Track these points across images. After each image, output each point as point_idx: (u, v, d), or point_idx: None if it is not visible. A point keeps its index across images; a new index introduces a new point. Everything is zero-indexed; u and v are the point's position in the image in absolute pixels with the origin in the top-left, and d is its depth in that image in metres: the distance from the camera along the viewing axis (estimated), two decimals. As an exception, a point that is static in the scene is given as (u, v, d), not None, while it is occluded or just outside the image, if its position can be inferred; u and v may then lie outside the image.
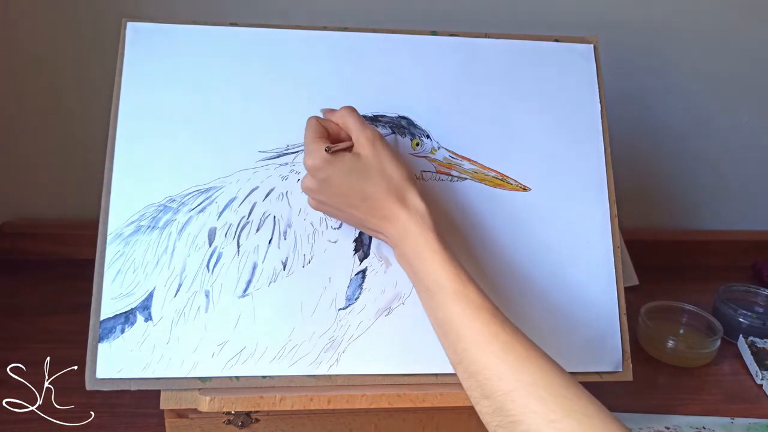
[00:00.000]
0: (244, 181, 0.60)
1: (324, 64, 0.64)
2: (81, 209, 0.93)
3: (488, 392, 0.47)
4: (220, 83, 0.62)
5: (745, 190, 1.05)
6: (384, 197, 0.54)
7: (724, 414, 0.71)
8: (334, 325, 0.58)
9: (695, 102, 0.98)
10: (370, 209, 0.55)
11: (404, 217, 0.54)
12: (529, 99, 0.66)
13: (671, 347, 0.78)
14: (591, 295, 0.62)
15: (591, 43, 0.68)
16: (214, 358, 0.56)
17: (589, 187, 0.64)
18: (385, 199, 0.54)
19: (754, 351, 0.80)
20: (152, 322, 0.56)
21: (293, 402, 0.55)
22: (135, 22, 0.62)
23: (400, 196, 0.54)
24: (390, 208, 0.54)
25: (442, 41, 0.66)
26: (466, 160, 0.63)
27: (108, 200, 0.58)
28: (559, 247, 0.62)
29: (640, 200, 1.03)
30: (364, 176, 0.54)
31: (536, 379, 0.46)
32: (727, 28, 0.94)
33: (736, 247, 1.04)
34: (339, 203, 0.55)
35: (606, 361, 0.61)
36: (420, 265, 0.53)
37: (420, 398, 0.57)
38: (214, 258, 0.58)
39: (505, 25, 0.89)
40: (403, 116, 0.63)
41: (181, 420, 0.57)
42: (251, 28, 0.64)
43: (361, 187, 0.54)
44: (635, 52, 0.93)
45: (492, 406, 0.46)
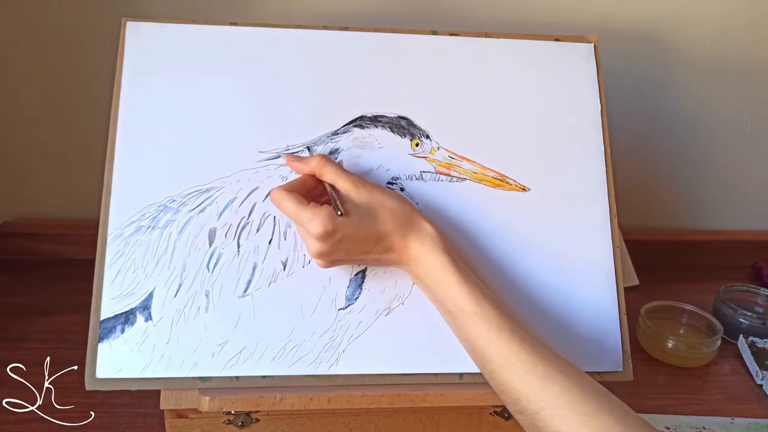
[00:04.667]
0: (244, 182, 0.60)
1: (324, 64, 0.64)
2: (81, 209, 0.93)
3: (521, 409, 0.49)
4: (220, 83, 0.62)
5: (745, 190, 1.05)
6: (394, 231, 0.54)
7: (724, 414, 0.70)
8: (333, 325, 0.58)
9: (695, 102, 0.98)
10: (385, 248, 0.54)
11: (416, 244, 0.54)
12: (529, 99, 0.66)
13: (671, 347, 0.78)
14: (591, 295, 0.62)
15: (591, 42, 0.68)
16: (214, 358, 0.56)
17: (589, 187, 0.64)
18: (395, 232, 0.54)
19: (754, 351, 0.80)
20: (152, 322, 0.56)
21: (293, 402, 0.55)
22: (135, 22, 0.62)
23: (407, 223, 0.54)
24: (401, 238, 0.54)
25: (442, 41, 0.66)
26: (466, 160, 0.63)
27: (108, 200, 0.58)
28: (559, 247, 0.62)
29: (640, 200, 1.03)
30: (372, 220, 0.53)
31: (559, 399, 0.48)
32: (728, 28, 0.94)
33: (736, 247, 1.04)
34: (354, 254, 0.54)
35: (606, 361, 0.61)
36: (437, 289, 0.54)
37: (420, 398, 0.57)
38: (215, 258, 0.58)
39: (505, 25, 0.89)
40: (402, 116, 0.63)
41: (181, 420, 0.57)
42: (251, 27, 0.63)
43: (374, 231, 0.53)
44: (635, 52, 0.93)
45: (526, 421, 0.49)
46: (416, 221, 0.55)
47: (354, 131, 0.62)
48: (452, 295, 0.53)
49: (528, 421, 0.49)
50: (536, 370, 0.49)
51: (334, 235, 0.52)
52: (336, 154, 0.61)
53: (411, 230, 0.54)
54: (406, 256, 0.55)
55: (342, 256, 0.54)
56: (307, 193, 0.56)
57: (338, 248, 0.53)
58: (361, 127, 0.62)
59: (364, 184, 0.55)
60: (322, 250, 0.53)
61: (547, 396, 0.48)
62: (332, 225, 0.51)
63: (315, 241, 0.52)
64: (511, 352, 0.50)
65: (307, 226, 0.52)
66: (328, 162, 0.55)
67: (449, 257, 0.54)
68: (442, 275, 0.53)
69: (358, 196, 0.54)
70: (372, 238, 0.53)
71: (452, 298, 0.53)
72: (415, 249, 0.54)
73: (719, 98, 0.98)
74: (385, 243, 0.54)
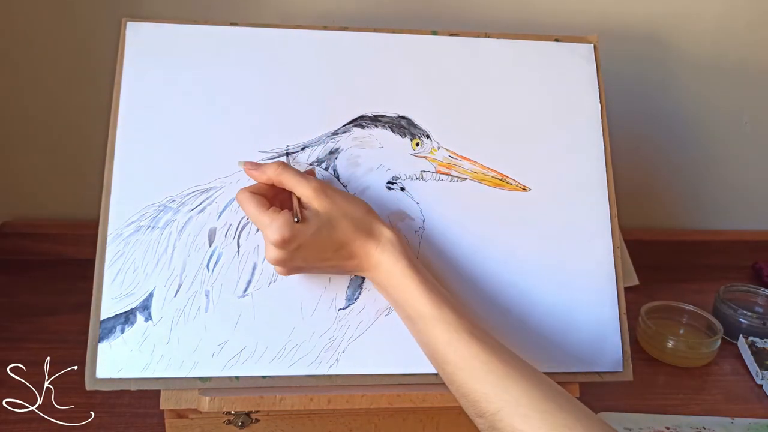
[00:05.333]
0: (244, 182, 0.59)
1: (324, 64, 0.64)
2: (81, 209, 0.93)
3: (480, 412, 0.49)
4: (220, 83, 0.62)
5: (745, 190, 1.05)
6: (354, 239, 0.53)
7: (724, 414, 0.70)
8: (333, 325, 0.58)
9: (695, 102, 0.98)
10: (345, 256, 0.54)
11: (376, 250, 0.54)
12: (529, 99, 0.66)
13: (671, 347, 0.78)
14: (591, 295, 0.62)
15: (591, 43, 0.68)
16: (214, 358, 0.56)
17: (589, 187, 0.64)
18: (355, 240, 0.53)
19: (754, 351, 0.80)
20: (152, 322, 0.56)
21: (293, 402, 0.55)
22: (135, 22, 0.62)
23: (367, 230, 0.54)
24: (362, 246, 0.54)
25: (442, 41, 0.66)
26: (466, 160, 0.63)
27: (108, 200, 0.58)
28: (559, 247, 0.62)
29: (640, 200, 1.03)
30: (331, 228, 0.53)
31: (518, 398, 0.47)
32: (728, 28, 0.94)
33: (736, 247, 1.04)
34: (312, 261, 0.53)
35: (606, 361, 0.61)
36: (397, 294, 0.54)
37: (420, 398, 0.57)
38: (214, 258, 0.58)
39: (505, 25, 0.89)
40: (403, 116, 0.63)
41: (181, 420, 0.57)
42: (251, 28, 0.64)
43: (333, 239, 0.53)
44: (635, 52, 0.93)
45: (485, 424, 0.48)
46: (376, 228, 0.54)
47: (354, 131, 0.62)
48: (411, 299, 0.53)
49: (487, 424, 0.48)
50: (495, 371, 0.49)
51: (291, 243, 0.51)
52: (336, 154, 0.61)
53: (371, 237, 0.54)
54: (367, 263, 0.54)
55: (300, 263, 0.53)
56: (275, 196, 0.55)
57: (296, 255, 0.52)
58: (361, 126, 0.62)
59: (326, 191, 0.54)
60: (279, 257, 0.52)
61: (506, 395, 0.47)
62: (289, 232, 0.50)
63: (272, 247, 0.51)
64: (470, 353, 0.50)
65: (264, 231, 0.51)
66: (285, 169, 0.54)
67: (408, 261, 0.53)
68: (401, 279, 0.53)
69: (318, 203, 0.53)
70: (330, 246, 0.53)
71: (411, 302, 0.53)
72: (375, 255, 0.54)
73: (719, 98, 0.98)
74: (345, 251, 0.53)
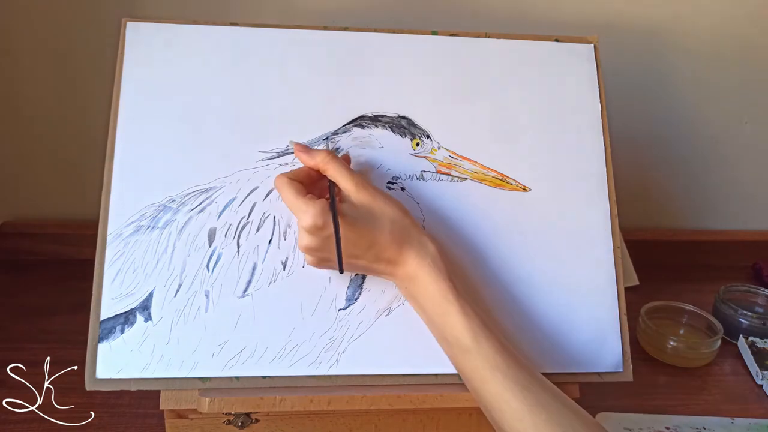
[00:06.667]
0: (244, 181, 0.60)
1: (324, 64, 0.64)
2: (81, 209, 0.93)
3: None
4: (219, 83, 0.62)
5: (744, 190, 1.05)
6: (390, 242, 0.52)
7: (724, 414, 0.70)
8: (334, 325, 0.58)
9: (695, 102, 0.98)
10: (376, 257, 0.53)
11: (414, 261, 0.53)
12: (529, 99, 0.66)
13: (671, 347, 0.78)
14: (591, 295, 0.62)
15: (591, 43, 0.68)
16: (214, 359, 0.56)
17: (589, 187, 0.64)
18: (390, 244, 0.52)
19: (755, 351, 0.80)
20: (152, 323, 0.56)
21: (293, 403, 0.55)
22: (135, 22, 0.62)
23: (405, 237, 0.53)
24: (397, 251, 0.53)
25: (442, 41, 0.66)
26: (466, 160, 0.63)
27: (108, 200, 0.58)
28: (559, 247, 0.62)
29: (641, 200, 1.03)
30: (366, 224, 0.52)
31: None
32: (728, 28, 0.94)
33: (736, 247, 1.04)
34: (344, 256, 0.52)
35: (606, 361, 0.61)
36: (434, 314, 0.53)
37: (420, 399, 0.57)
38: (214, 258, 0.58)
39: (505, 25, 0.89)
40: (403, 116, 0.63)
41: (181, 420, 0.57)
42: (251, 28, 0.63)
43: (366, 236, 0.52)
44: (635, 52, 0.93)
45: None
46: (416, 236, 0.53)
47: (354, 131, 0.62)
48: (450, 325, 0.52)
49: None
50: (524, 419, 0.48)
51: (324, 230, 0.50)
52: (336, 154, 0.61)
53: (410, 245, 0.53)
54: (403, 271, 0.53)
55: (329, 255, 0.52)
56: (312, 184, 0.55)
57: (328, 245, 0.51)
58: (361, 126, 0.62)
59: (367, 187, 0.53)
60: (311, 245, 0.52)
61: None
62: (323, 220, 0.50)
63: (305, 234, 0.51)
64: (502, 398, 0.49)
65: (299, 216, 0.51)
66: (333, 159, 0.54)
67: (450, 284, 0.52)
68: (441, 302, 0.52)
69: (358, 197, 0.53)
70: (363, 242, 0.52)
71: (450, 328, 0.52)
72: (413, 266, 0.53)
73: (719, 98, 0.98)
74: (376, 251, 0.53)
